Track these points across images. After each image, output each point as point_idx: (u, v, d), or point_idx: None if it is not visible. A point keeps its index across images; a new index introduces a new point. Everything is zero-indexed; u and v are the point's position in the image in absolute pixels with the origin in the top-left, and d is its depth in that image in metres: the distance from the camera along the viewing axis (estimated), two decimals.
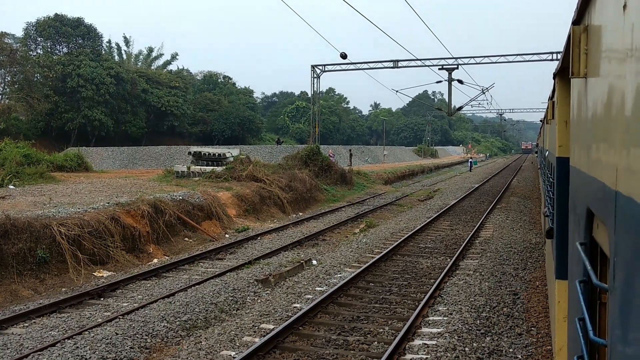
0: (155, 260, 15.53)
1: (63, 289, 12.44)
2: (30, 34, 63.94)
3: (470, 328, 9.09)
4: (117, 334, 8.88)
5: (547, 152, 9.38)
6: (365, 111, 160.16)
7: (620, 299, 1.55)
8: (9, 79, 59.54)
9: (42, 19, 64.12)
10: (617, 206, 1.56)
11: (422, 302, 10.25)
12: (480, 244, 16.81)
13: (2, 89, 59.63)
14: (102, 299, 11.60)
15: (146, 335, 8.95)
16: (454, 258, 14.18)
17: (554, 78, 5.15)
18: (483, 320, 9.53)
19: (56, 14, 64.76)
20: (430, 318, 9.75)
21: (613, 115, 1.67)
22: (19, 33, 64.25)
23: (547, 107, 7.79)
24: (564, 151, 4.63)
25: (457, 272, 13.21)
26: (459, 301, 10.62)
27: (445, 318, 9.69)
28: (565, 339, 4.12)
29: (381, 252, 15.01)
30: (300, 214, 25.78)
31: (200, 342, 8.85)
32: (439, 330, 9.10)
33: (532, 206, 26.54)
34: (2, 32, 56.88)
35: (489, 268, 13.43)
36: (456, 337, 8.64)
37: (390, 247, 15.52)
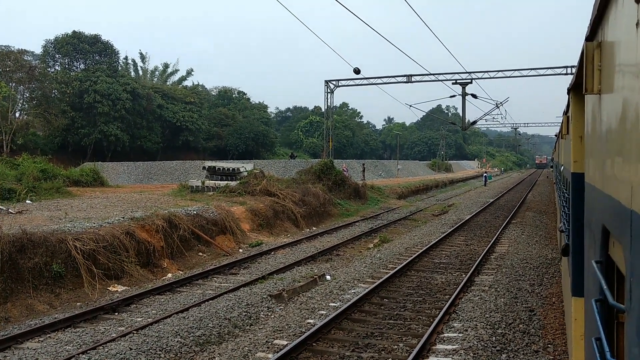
0: (170, 275, 15.57)
1: (78, 304, 12.50)
2: (49, 50, 65.07)
3: (485, 345, 8.97)
4: (131, 349, 8.89)
5: (562, 167, 9.29)
6: (379, 125, 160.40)
7: (638, 320, 1.52)
8: (27, 95, 60.53)
9: (61, 36, 65.26)
10: (633, 225, 1.53)
11: (437, 319, 10.15)
12: (496, 259, 16.64)
13: (20, 105, 60.57)
14: (116, 313, 11.64)
15: (160, 351, 8.95)
16: (469, 274, 14.05)
17: (568, 93, 5.13)
18: (499, 337, 9.40)
19: (74, 31, 65.89)
20: (445, 335, 9.64)
21: (627, 132, 1.65)
22: (38, 50, 65.51)
23: (562, 122, 7.73)
24: (578, 167, 4.59)
25: (472, 288, 13.08)
26: (474, 317, 10.51)
27: (460, 335, 9.57)
28: (583, 358, 4.05)
29: (395, 268, 14.92)
30: (314, 228, 25.74)
31: (214, 357, 8.83)
32: (454, 347, 8.99)
33: (548, 221, 26.26)
34: (21, 49, 57.97)
35: (504, 284, 13.28)
36: (471, 354, 8.54)
37: (405, 263, 15.41)
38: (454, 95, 40.67)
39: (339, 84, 45.20)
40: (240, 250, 19.49)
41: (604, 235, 2.18)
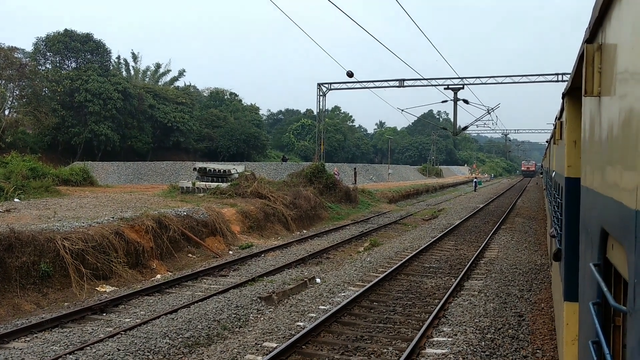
0: (159, 276, 15.46)
1: (65, 304, 12.38)
2: (40, 48, 64.56)
3: (475, 349, 8.98)
4: (118, 350, 8.81)
5: (554, 173, 9.31)
6: (371, 130, 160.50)
7: None
8: (17, 92, 59.98)
9: (52, 34, 64.79)
10: (638, 226, 1.52)
11: (427, 323, 10.15)
12: (485, 264, 16.68)
13: (10, 103, 60.02)
14: (104, 314, 11.53)
15: (148, 352, 8.88)
16: (458, 278, 14.07)
17: (562, 98, 5.13)
18: (488, 342, 9.41)
19: (66, 30, 65.40)
20: (435, 339, 9.64)
21: (631, 134, 1.64)
22: (29, 48, 64.97)
23: (555, 128, 7.75)
24: (573, 171, 4.59)
25: (462, 292, 13.10)
26: (464, 322, 10.51)
27: (449, 339, 9.58)
28: None
29: (385, 271, 14.91)
30: (305, 231, 25.70)
31: (203, 359, 8.76)
32: (443, 351, 8.98)
33: (537, 227, 26.38)
34: (12, 46, 57.46)
35: (493, 289, 13.32)
36: (461, 359, 8.53)
37: (395, 267, 15.42)
38: (445, 101, 40.82)
39: (332, 87, 45.22)
40: (230, 252, 19.41)
41: (602, 237, 2.17)
